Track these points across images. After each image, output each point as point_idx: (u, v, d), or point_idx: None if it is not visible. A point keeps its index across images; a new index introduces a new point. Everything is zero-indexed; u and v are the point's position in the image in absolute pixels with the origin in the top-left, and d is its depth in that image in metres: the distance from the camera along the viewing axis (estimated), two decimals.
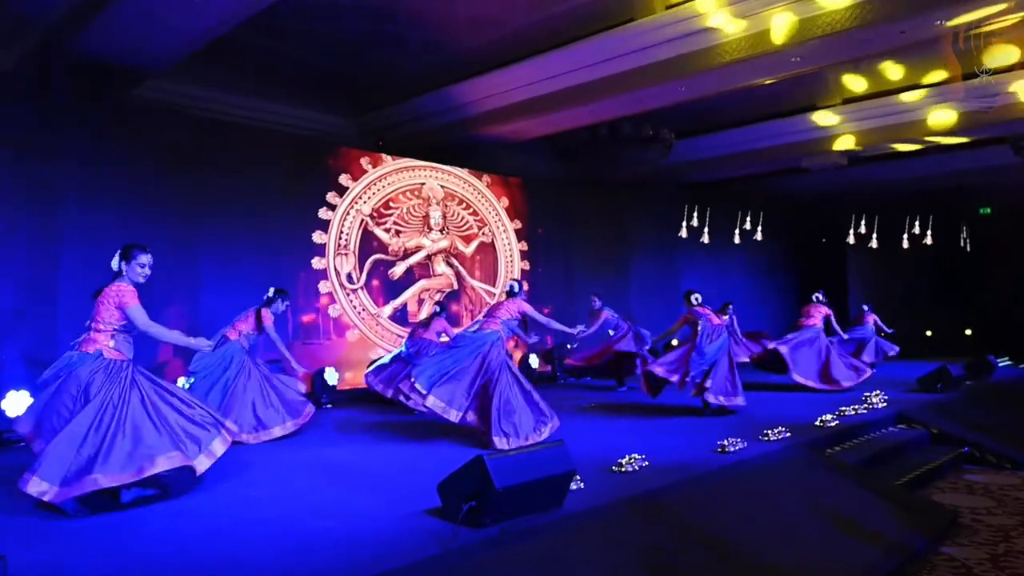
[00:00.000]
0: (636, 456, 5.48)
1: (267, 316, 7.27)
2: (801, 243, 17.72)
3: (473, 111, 10.32)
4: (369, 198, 10.17)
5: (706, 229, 13.59)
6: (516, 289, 7.16)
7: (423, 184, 10.79)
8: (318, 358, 9.78)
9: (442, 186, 10.95)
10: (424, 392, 6.32)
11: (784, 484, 5.54)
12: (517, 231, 12.11)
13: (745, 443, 6.06)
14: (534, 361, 11.75)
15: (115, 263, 4.83)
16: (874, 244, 14.26)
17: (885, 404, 8.40)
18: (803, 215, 17.54)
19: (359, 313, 10.26)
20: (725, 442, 5.95)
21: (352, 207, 10.00)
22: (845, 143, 11.61)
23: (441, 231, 10.83)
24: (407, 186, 10.61)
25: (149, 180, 8.51)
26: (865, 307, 12.89)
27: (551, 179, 13.07)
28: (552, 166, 13.16)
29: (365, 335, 10.27)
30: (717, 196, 14.70)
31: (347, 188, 10.15)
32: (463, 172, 11.32)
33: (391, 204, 10.43)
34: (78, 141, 8.00)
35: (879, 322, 12.64)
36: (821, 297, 10.85)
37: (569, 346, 11.49)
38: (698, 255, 14.67)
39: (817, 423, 7.10)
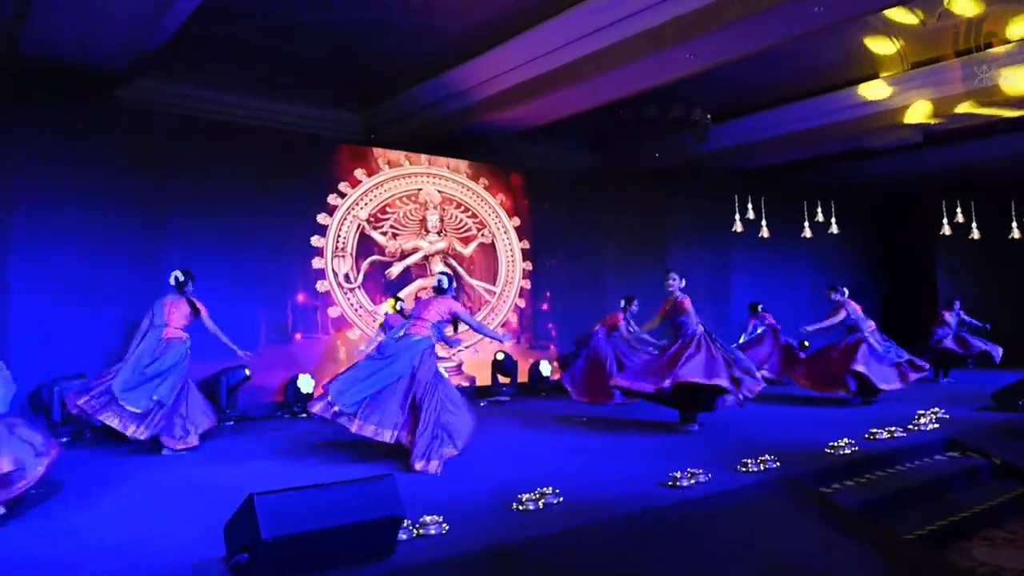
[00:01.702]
0: (547, 490, 4.35)
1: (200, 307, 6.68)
2: (878, 236, 15.74)
3: (474, 97, 9.42)
4: (367, 204, 9.90)
5: (764, 223, 12.07)
6: (445, 285, 6.16)
7: (420, 190, 10.37)
8: (315, 353, 9.42)
9: (440, 191, 10.49)
10: (350, 415, 5.43)
11: (743, 534, 4.26)
12: (518, 229, 11.26)
13: (709, 475, 4.79)
14: (546, 369, 10.61)
15: None
16: (975, 235, 12.25)
17: (937, 425, 6.82)
18: (879, 204, 15.55)
19: (356, 310, 9.88)
20: (677, 474, 4.70)
21: (349, 212, 9.75)
22: (917, 113, 9.84)
23: (439, 233, 10.38)
24: (404, 192, 10.23)
25: (146, 182, 8.23)
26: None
27: (570, 171, 12.00)
28: (575, 157, 12.07)
29: (362, 330, 9.81)
30: (772, 185, 13.10)
31: (353, 182, 9.85)
32: (462, 177, 10.77)
33: (388, 209, 10.11)
34: (54, 143, 7.70)
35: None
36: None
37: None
38: (752, 251, 13.15)
39: (827, 449, 5.69)
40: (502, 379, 10.28)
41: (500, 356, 10.27)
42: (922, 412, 7.23)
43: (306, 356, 9.32)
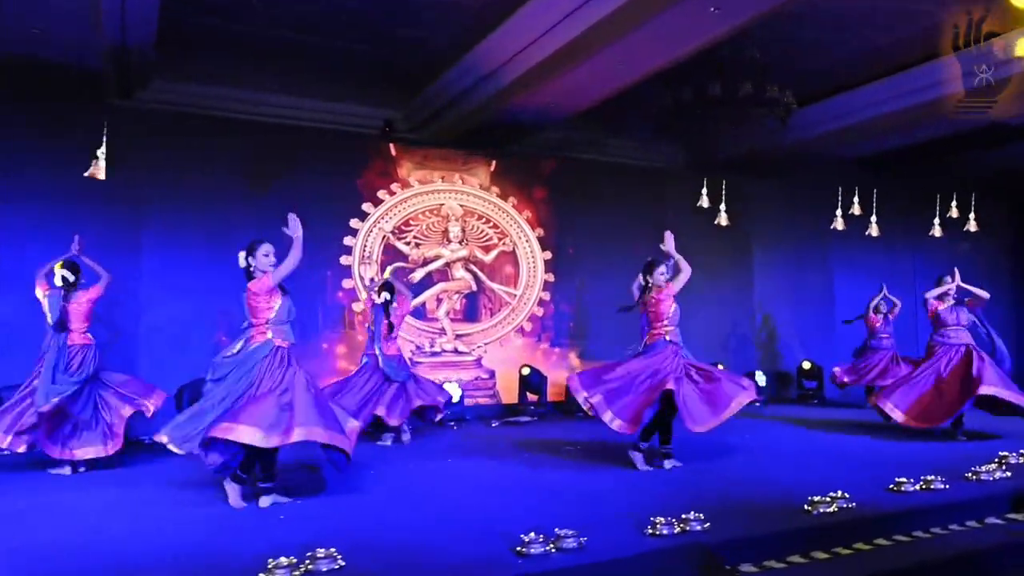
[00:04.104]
0: (321, 552, 3.31)
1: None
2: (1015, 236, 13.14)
3: (506, 77, 8.27)
4: (391, 218, 9.77)
5: (873, 220, 10.14)
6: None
7: (442, 204, 10.05)
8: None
9: (461, 204, 10.12)
10: None
11: None
12: (541, 238, 10.45)
13: (583, 539, 3.51)
14: None
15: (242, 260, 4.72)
16: None
17: (1008, 474, 4.99)
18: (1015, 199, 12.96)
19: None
20: (528, 536, 3.48)
21: (375, 226, 9.64)
22: None
23: (460, 242, 10.01)
24: (426, 206, 9.99)
25: (137, 179, 7.98)
26: None
27: (627, 167, 10.76)
28: (631, 150, 10.80)
29: None
30: (879, 176, 11.11)
31: (405, 183, 9.80)
32: (484, 192, 10.26)
33: (411, 222, 9.93)
34: (68, 146, 7.38)
35: None
36: None
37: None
38: (857, 252, 11.28)
39: (806, 507, 4.16)
40: (531, 396, 9.21)
41: (526, 371, 9.21)
42: (1005, 454, 5.44)
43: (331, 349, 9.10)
